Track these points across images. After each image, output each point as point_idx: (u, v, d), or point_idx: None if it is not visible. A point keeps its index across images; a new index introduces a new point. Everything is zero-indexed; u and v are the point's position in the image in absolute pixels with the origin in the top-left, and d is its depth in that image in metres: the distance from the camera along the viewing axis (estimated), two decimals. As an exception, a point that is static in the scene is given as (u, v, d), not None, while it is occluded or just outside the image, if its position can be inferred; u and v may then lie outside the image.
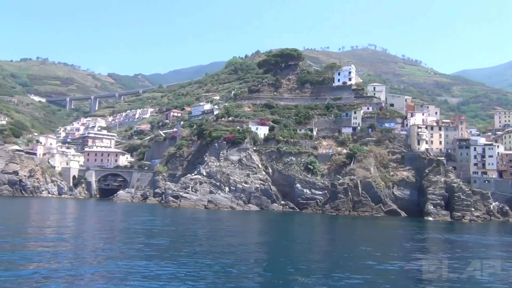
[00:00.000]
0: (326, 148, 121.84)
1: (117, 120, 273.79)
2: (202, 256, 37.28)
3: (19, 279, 26.21)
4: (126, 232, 55.01)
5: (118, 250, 39.61)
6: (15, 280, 25.91)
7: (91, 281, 27.24)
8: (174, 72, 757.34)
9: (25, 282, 25.80)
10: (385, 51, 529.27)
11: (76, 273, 29.11)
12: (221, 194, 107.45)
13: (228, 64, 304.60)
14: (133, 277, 28.18)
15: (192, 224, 68.81)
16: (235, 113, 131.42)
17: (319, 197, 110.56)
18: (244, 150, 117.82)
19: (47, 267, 30.14)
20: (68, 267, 30.56)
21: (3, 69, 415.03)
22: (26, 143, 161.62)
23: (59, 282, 26.30)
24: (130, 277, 28.12)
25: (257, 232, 63.42)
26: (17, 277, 26.63)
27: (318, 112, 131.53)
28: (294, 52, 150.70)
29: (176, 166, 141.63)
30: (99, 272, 29.84)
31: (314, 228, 75.60)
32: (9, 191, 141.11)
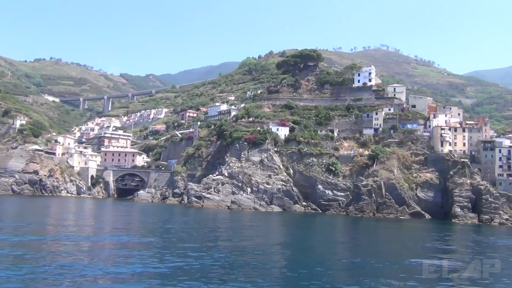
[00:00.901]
0: (347, 149, 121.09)
1: (131, 120, 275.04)
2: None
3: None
4: (186, 235, 53.71)
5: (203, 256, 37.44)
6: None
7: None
8: (184, 72, 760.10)
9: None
10: (397, 51, 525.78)
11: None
12: (243, 195, 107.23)
13: (242, 65, 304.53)
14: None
15: (241, 228, 67.35)
16: (255, 113, 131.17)
17: (341, 198, 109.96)
18: (265, 151, 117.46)
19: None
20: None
21: (17, 69, 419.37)
22: (45, 143, 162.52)
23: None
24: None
25: (292, 234, 63.14)
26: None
27: (338, 113, 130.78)
28: (313, 53, 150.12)
29: (195, 167, 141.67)
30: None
31: (342, 229, 75.15)
32: (29, 191, 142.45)
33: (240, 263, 34.98)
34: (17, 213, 77.83)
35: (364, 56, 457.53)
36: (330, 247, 49.29)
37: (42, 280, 25.99)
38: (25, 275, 26.86)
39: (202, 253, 37.88)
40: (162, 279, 27.78)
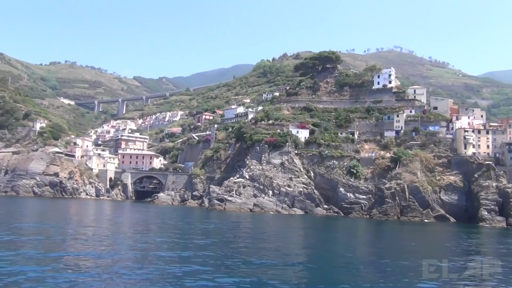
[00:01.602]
0: (368, 152, 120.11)
1: (146, 123, 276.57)
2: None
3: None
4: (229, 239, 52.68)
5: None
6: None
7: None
8: (197, 75, 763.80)
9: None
10: (411, 52, 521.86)
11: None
12: (265, 197, 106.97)
13: (256, 67, 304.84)
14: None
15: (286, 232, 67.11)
16: (275, 116, 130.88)
17: (363, 201, 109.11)
18: (286, 153, 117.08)
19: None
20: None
21: (33, 72, 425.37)
22: (64, 145, 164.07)
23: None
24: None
25: (323, 236, 62.62)
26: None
27: (358, 115, 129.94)
28: (331, 55, 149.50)
29: (214, 169, 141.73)
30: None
31: (368, 233, 74.35)
32: (50, 192, 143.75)
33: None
34: (58, 216, 78.19)
35: (378, 58, 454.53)
36: (361, 250, 48.83)
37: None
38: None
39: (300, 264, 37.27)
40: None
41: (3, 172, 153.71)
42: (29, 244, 39.38)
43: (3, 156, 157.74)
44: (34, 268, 28.69)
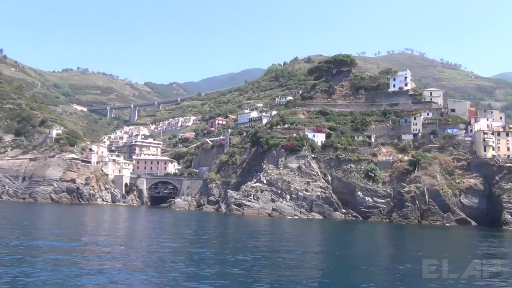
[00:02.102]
0: (386, 155, 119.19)
1: (159, 128, 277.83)
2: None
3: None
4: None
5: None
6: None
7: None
8: (207, 80, 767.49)
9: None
10: (422, 55, 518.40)
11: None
12: (283, 202, 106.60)
13: (268, 71, 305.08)
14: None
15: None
16: (290, 120, 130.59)
17: (382, 205, 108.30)
18: (303, 157, 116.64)
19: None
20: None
21: (46, 79, 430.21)
22: (80, 151, 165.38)
23: None
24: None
25: (348, 241, 62.05)
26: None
27: (374, 119, 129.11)
28: (346, 58, 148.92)
29: (229, 174, 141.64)
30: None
31: (390, 237, 73.46)
32: (67, 199, 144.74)
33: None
34: (90, 224, 78.77)
35: (389, 61, 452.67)
36: (390, 254, 48.23)
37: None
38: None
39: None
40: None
41: (21, 179, 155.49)
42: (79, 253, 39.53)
43: (21, 163, 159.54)
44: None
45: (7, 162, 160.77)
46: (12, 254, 36.54)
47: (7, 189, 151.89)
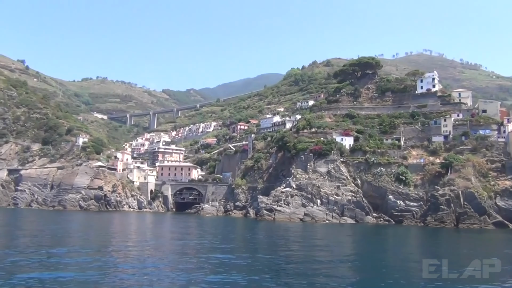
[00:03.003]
0: (416, 158, 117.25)
1: (180, 135, 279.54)
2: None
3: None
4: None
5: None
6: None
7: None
8: (223, 85, 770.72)
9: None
10: (441, 55, 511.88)
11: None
12: (314, 207, 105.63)
13: (287, 76, 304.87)
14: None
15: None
16: (317, 124, 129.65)
17: (414, 209, 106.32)
18: (332, 161, 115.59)
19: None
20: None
21: (67, 89, 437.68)
22: (106, 159, 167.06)
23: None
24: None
25: (394, 246, 60.91)
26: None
27: (403, 121, 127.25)
28: (372, 61, 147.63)
29: (255, 179, 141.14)
30: None
31: (436, 242, 71.67)
32: (95, 206, 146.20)
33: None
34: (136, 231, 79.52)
35: (407, 62, 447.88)
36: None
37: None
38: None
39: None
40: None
41: (49, 187, 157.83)
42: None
43: (49, 172, 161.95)
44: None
45: (35, 171, 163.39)
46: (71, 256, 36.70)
47: (36, 198, 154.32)
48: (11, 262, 35.24)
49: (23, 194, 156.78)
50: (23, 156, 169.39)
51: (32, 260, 36.66)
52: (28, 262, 35.76)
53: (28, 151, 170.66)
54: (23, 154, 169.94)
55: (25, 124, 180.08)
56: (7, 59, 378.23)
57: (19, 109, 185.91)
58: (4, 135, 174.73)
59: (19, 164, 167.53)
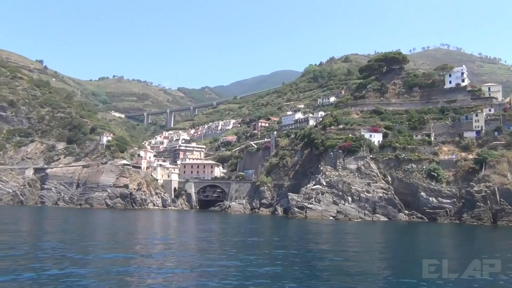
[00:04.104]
0: (447, 154, 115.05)
1: (199, 132, 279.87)
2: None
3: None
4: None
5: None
6: None
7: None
8: (236, 83, 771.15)
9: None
10: (459, 50, 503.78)
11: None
12: (346, 204, 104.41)
13: (305, 72, 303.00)
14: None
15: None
16: (345, 120, 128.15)
17: (447, 205, 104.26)
18: (362, 158, 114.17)
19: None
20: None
21: (85, 88, 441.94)
22: (130, 157, 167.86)
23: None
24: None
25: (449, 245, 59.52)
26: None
27: (432, 116, 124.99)
28: (398, 56, 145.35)
29: (281, 176, 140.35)
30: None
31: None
32: (121, 204, 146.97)
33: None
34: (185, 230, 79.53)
35: (425, 57, 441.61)
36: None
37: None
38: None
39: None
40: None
41: (75, 186, 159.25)
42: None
43: (74, 170, 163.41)
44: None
45: (61, 169, 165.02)
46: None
47: (62, 196, 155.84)
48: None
49: (50, 192, 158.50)
50: (49, 155, 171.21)
51: (67, 255, 37.67)
52: (63, 256, 36.80)
53: (53, 150, 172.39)
54: (49, 153, 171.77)
55: (50, 123, 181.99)
56: (26, 60, 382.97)
57: (43, 108, 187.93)
58: (30, 134, 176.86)
59: (45, 163, 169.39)
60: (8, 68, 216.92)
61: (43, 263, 33.26)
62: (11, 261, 33.57)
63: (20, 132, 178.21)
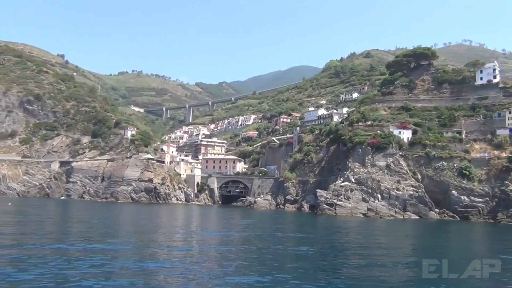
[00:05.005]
0: (479, 152, 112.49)
1: (219, 128, 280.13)
2: None
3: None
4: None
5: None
6: None
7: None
8: (253, 79, 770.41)
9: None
10: (482, 45, 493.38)
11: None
12: (376, 201, 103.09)
13: (326, 68, 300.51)
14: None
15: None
16: (373, 116, 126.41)
17: (480, 204, 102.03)
18: (391, 155, 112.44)
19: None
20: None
21: (105, 83, 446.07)
22: (153, 151, 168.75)
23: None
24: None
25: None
26: None
27: (463, 113, 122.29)
28: (427, 51, 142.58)
29: (306, 173, 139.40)
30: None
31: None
32: (146, 198, 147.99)
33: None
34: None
35: (447, 53, 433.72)
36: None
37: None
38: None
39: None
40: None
41: (100, 179, 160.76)
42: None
43: (99, 164, 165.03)
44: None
45: (86, 163, 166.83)
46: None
47: (88, 189, 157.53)
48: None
49: (75, 185, 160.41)
50: (74, 148, 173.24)
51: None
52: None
53: (79, 144, 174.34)
54: (74, 147, 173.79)
55: (75, 117, 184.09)
56: (48, 54, 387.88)
57: (68, 102, 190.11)
58: (55, 128, 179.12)
59: (70, 156, 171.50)
60: (34, 62, 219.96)
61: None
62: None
63: (46, 125, 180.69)
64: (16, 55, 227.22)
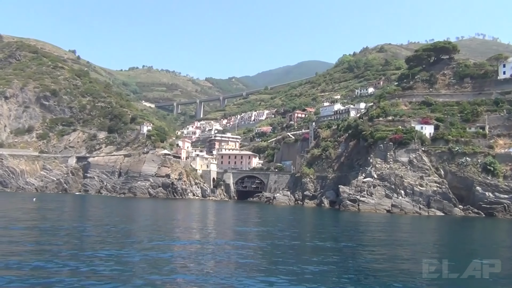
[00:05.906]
0: (503, 147, 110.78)
1: (232, 123, 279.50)
2: None
3: None
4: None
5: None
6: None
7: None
8: (262, 74, 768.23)
9: None
10: (495, 39, 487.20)
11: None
12: (399, 198, 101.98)
13: (339, 63, 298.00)
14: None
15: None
16: (393, 112, 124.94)
17: (505, 201, 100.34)
18: (414, 151, 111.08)
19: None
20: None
21: (116, 78, 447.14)
22: (170, 147, 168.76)
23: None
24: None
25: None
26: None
27: (486, 108, 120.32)
28: (448, 45, 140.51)
29: (324, 168, 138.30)
30: None
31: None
32: (163, 193, 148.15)
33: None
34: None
35: (460, 47, 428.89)
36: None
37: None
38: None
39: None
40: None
41: (117, 174, 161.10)
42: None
43: (116, 159, 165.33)
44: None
45: (103, 158, 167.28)
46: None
47: (105, 185, 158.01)
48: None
49: (93, 181, 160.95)
50: (90, 144, 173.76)
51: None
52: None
53: (95, 139, 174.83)
54: (90, 142, 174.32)
55: (91, 112, 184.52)
56: (60, 50, 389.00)
57: (84, 98, 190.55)
58: (72, 123, 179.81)
59: (87, 151, 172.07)
60: (49, 58, 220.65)
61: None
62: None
63: (63, 121, 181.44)
64: (32, 51, 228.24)
